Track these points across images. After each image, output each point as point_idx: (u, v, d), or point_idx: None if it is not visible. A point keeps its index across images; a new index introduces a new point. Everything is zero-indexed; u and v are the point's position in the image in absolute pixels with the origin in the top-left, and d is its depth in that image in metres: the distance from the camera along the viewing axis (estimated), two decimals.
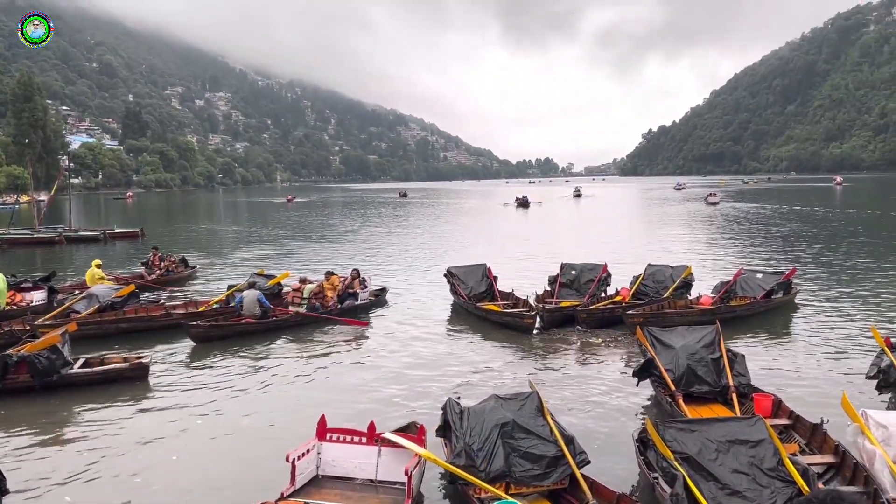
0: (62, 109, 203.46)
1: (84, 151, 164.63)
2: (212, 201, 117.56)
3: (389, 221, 58.54)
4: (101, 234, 41.29)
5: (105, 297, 16.60)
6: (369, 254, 32.34)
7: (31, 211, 52.76)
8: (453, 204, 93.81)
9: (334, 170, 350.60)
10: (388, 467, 7.65)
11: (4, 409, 10.79)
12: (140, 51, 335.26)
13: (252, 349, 14.64)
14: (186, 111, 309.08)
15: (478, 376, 12.48)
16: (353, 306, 17.96)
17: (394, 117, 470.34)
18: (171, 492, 7.98)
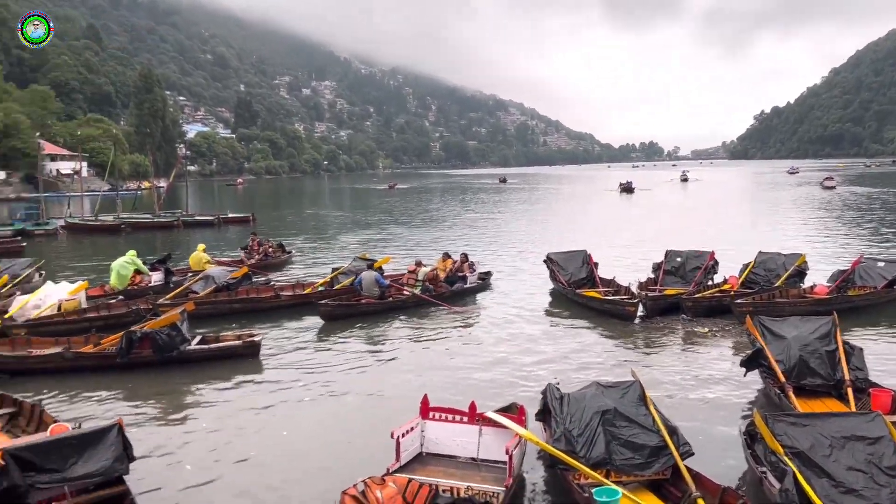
0: (179, 100, 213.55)
1: (199, 140, 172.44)
2: (317, 188, 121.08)
3: (489, 207, 58.58)
4: (216, 219, 43.37)
5: (220, 278, 17.44)
6: (469, 239, 32.51)
7: (151, 197, 55.85)
8: (553, 189, 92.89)
9: (434, 156, 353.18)
10: (489, 446, 7.75)
11: (130, 381, 11.55)
12: (251, 42, 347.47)
13: (362, 328, 15.12)
14: (294, 100, 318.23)
15: (577, 363, 12.39)
16: (463, 289, 18.37)
17: (493, 102, 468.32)
18: (282, 464, 8.33)
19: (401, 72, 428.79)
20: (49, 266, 22.71)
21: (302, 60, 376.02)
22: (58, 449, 6.50)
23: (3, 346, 12.67)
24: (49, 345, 12.72)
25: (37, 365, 11.92)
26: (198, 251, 21.56)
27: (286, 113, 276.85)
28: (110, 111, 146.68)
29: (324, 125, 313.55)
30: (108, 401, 10.71)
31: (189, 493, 7.62)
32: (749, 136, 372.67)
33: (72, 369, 11.86)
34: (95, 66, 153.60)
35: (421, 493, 6.65)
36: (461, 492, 6.92)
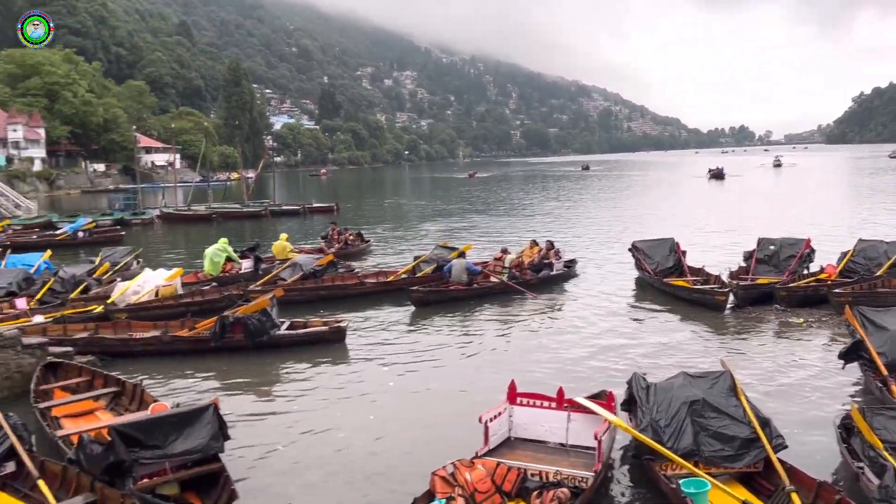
0: (266, 92, 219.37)
1: (285, 131, 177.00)
2: (398, 177, 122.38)
3: (571, 195, 57.94)
4: (301, 209, 44.43)
5: (307, 266, 17.86)
6: (551, 227, 32.22)
7: (240, 187, 57.68)
8: (637, 176, 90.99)
9: (515, 144, 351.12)
10: (577, 432, 7.71)
11: (223, 364, 11.98)
12: (333, 34, 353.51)
13: (448, 315, 15.27)
14: (376, 91, 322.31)
15: (664, 353, 12.13)
16: (549, 276, 18.27)
17: (575, 88, 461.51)
18: (370, 447, 8.48)
19: (481, 60, 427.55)
20: (145, 254, 23.74)
21: (383, 51, 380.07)
22: (159, 426, 6.81)
23: (105, 329, 13.36)
24: (148, 328, 13.35)
25: (137, 347, 12.51)
26: (281, 240, 22.01)
27: (368, 104, 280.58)
28: (201, 104, 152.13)
29: (405, 115, 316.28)
30: (203, 382, 11.14)
31: (280, 472, 7.84)
32: (847, 119, 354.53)
33: (168, 352, 12.40)
34: (187, 61, 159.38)
35: (510, 476, 6.70)
36: (550, 476, 6.92)
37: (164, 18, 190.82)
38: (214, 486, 6.93)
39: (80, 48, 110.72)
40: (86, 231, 31.30)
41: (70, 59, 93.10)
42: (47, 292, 16.01)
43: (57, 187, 77.83)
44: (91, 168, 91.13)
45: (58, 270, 17.45)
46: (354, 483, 7.59)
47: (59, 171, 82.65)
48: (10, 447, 7.03)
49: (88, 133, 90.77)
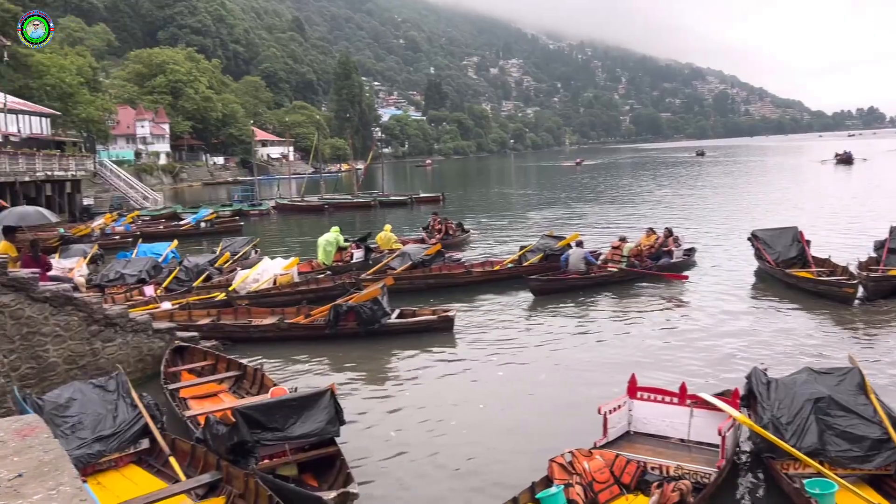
0: (374, 84, 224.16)
1: (393, 123, 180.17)
2: (503, 166, 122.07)
3: (685, 182, 56.09)
4: (409, 199, 45.10)
5: (416, 255, 18.13)
6: (663, 215, 31.24)
7: (350, 178, 59.15)
8: (756, 162, 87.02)
9: (624, 130, 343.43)
10: (700, 428, 7.55)
11: (337, 351, 12.34)
12: (440, 24, 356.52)
13: (556, 305, 15.14)
14: (481, 80, 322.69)
15: (786, 348, 11.55)
16: (669, 265, 17.95)
17: (689, 71, 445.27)
18: (480, 436, 8.51)
19: (589, 45, 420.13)
20: (262, 243, 24.74)
21: (489, 40, 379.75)
22: (279, 409, 7.09)
23: (227, 315, 14.03)
24: (266, 315, 13.92)
25: (256, 334, 13.06)
26: (385, 231, 22.25)
27: (474, 93, 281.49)
28: (313, 98, 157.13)
29: (510, 103, 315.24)
30: (318, 368, 11.52)
31: (393, 458, 8.00)
32: None
33: (285, 338, 12.87)
34: (299, 56, 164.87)
35: (629, 468, 6.66)
36: (671, 470, 6.81)
37: (279, 15, 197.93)
38: (331, 468, 7.16)
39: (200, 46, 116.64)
40: (207, 221, 33.03)
41: (192, 57, 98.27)
42: (173, 280, 16.99)
43: (180, 180, 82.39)
44: (211, 161, 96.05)
45: (182, 260, 18.50)
46: (466, 470, 7.65)
47: (182, 165, 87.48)
48: (145, 425, 7.52)
49: (208, 128, 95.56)
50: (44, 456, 2.77)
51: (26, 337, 9.29)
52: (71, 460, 2.81)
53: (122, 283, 16.96)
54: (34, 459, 2.74)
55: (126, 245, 26.08)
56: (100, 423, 7.42)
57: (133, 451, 7.51)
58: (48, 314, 9.52)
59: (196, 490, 6.68)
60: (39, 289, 9.44)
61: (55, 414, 7.29)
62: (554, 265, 17.70)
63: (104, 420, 7.46)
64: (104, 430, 7.36)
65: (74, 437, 7.16)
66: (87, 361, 10.02)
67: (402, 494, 7.20)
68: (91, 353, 10.08)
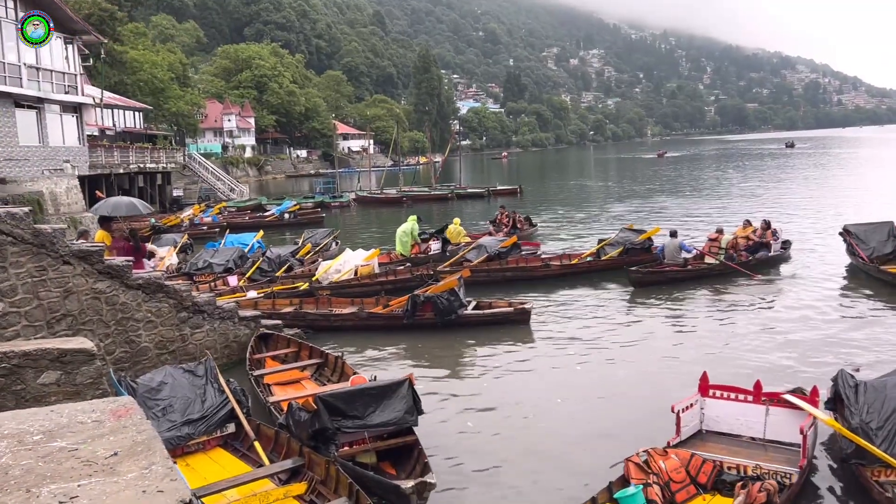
0: (453, 78, 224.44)
1: (471, 116, 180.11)
2: (582, 158, 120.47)
3: (774, 174, 54.06)
4: (486, 192, 45.06)
5: (492, 247, 18.11)
6: (750, 208, 30.11)
7: (428, 171, 59.51)
8: (851, 154, 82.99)
9: (709, 121, 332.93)
10: (776, 427, 7.33)
11: (414, 341, 12.46)
12: (520, 16, 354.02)
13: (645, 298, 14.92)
14: (561, 71, 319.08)
15: (879, 349, 10.98)
16: (766, 258, 17.59)
17: (778, 60, 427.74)
18: (557, 429, 8.46)
19: (672, 34, 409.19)
20: (343, 234, 25.17)
21: (570, 30, 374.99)
22: (359, 398, 7.21)
23: (308, 304, 14.35)
24: (346, 305, 14.17)
25: (337, 322, 13.31)
26: (454, 224, 21.92)
27: (553, 84, 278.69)
28: (392, 91, 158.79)
29: (590, 94, 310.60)
30: (396, 357, 11.66)
31: (470, 450, 8.01)
32: None
33: (364, 327, 13.08)
34: (380, 50, 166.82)
35: (705, 467, 6.52)
36: (749, 469, 6.62)
37: (360, 9, 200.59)
38: (409, 457, 7.23)
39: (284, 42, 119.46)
40: (291, 213, 33.84)
41: (276, 52, 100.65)
42: (256, 271, 17.48)
43: (265, 172, 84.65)
44: (294, 154, 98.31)
45: (266, 251, 18.99)
46: (541, 465, 7.60)
47: (267, 158, 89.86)
48: (231, 410, 7.77)
49: (292, 121, 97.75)
50: (137, 436, 2.89)
51: (120, 322, 9.73)
52: (162, 441, 2.92)
53: (210, 272, 17.57)
54: (128, 439, 2.86)
55: (214, 235, 26.98)
56: (189, 406, 7.69)
57: (220, 435, 7.76)
58: (141, 301, 9.95)
59: (279, 475, 6.86)
60: (133, 276, 9.86)
61: (147, 397, 7.60)
62: (635, 259, 17.43)
63: (193, 404, 7.73)
64: (193, 414, 7.63)
65: (165, 420, 7.45)
66: (177, 347, 10.42)
67: (476, 486, 7.20)
68: (180, 338, 10.48)
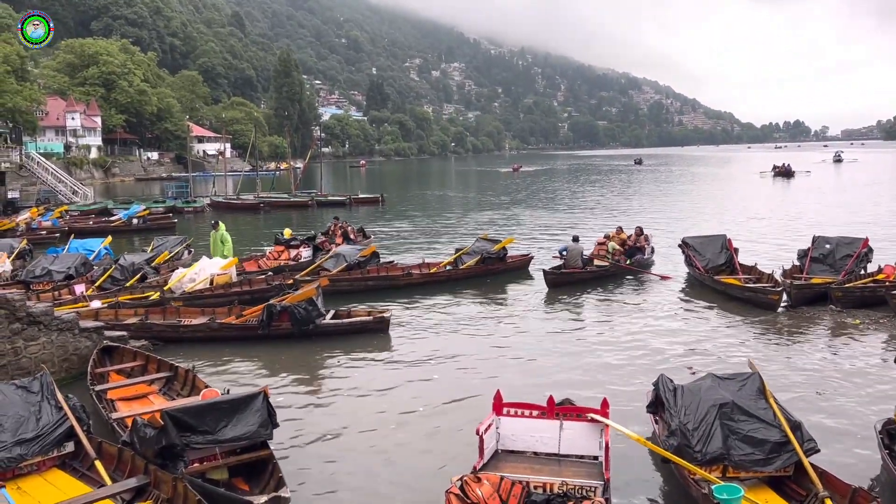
0: (315, 83, 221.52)
1: (333, 122, 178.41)
2: (444, 169, 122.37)
3: (624, 189, 57.13)
4: (347, 199, 44.84)
5: (351, 256, 18.04)
6: (601, 221, 31.75)
7: (289, 177, 58.35)
8: (691, 171, 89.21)
9: (562, 137, 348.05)
10: (571, 441, 7.32)
11: (271, 352, 12.18)
12: (383, 25, 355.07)
13: (500, 305, 15.24)
14: (423, 82, 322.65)
15: (714, 353, 11.89)
16: (642, 260, 19.15)
17: (626, 81, 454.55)
18: (416, 439, 8.55)
19: (530, 51, 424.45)
20: (196, 242, 24.15)
21: (432, 43, 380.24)
22: (210, 412, 6.94)
23: (155, 315, 13.65)
24: (196, 315, 13.63)
25: (186, 334, 12.78)
26: (286, 234, 21.40)
27: (416, 95, 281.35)
28: (252, 95, 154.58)
29: (452, 107, 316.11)
30: (251, 369, 11.35)
31: (327, 461, 7.95)
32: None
33: (218, 338, 12.64)
34: (239, 52, 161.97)
35: (514, 490, 6.40)
36: (555, 487, 6.62)
37: (218, 9, 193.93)
38: (263, 472, 7.06)
39: (135, 38, 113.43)
40: (140, 218, 32.15)
41: (126, 48, 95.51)
42: (108, 279, 16.46)
43: (112, 174, 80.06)
44: (145, 156, 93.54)
45: (119, 258, 17.86)
46: (399, 474, 7.67)
47: (115, 159, 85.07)
48: (70, 428, 7.27)
49: (143, 122, 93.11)
50: None
51: None
52: None
53: (49, 280, 16.36)
54: None
55: (55, 240, 25.15)
56: (22, 425, 7.12)
57: (57, 455, 7.24)
58: None
59: (122, 495, 6.49)
60: None
61: None
62: (491, 268, 18.37)
63: (27, 422, 7.17)
64: (26, 433, 7.08)
65: None
66: (8, 361, 9.65)
67: (333, 498, 7.14)
68: (12, 352, 9.71)
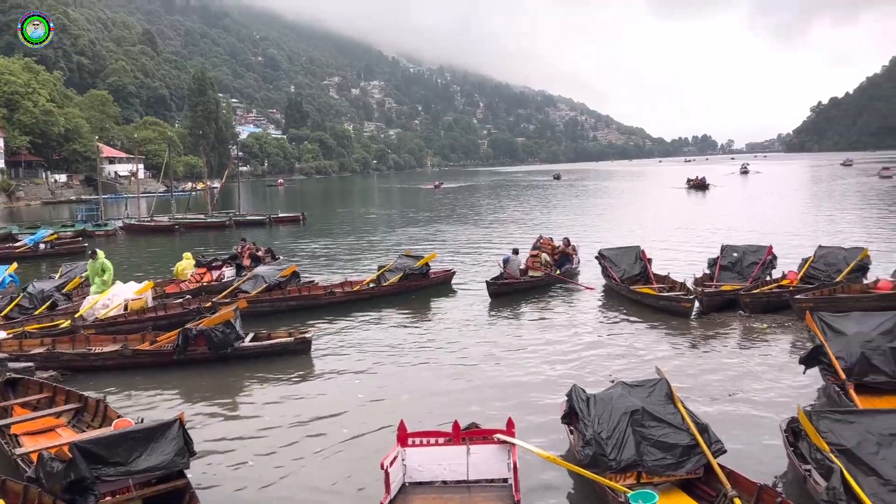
0: (232, 102, 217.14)
1: (251, 141, 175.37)
2: (366, 187, 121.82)
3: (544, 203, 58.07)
4: (267, 219, 44.10)
5: (270, 277, 17.71)
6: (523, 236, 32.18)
7: (205, 197, 57.01)
8: (607, 185, 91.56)
9: (482, 153, 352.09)
10: (479, 465, 7.22)
11: (187, 378, 11.81)
12: (300, 43, 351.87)
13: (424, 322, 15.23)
14: (343, 100, 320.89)
15: (631, 361, 12.19)
16: (572, 270, 20.18)
17: (542, 98, 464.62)
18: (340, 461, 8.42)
19: (448, 69, 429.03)
20: None
21: (351, 61, 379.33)
22: (122, 443, 6.68)
23: (63, 344, 13.04)
24: (107, 342, 13.10)
25: (98, 362, 12.25)
26: (184, 259, 20.18)
27: (336, 113, 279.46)
28: (165, 114, 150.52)
29: (373, 124, 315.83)
30: (167, 396, 10.97)
31: (249, 487, 7.75)
32: (806, 129, 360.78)
33: (132, 366, 12.19)
34: (151, 71, 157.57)
35: None
36: None
37: (128, 27, 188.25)
38: (180, 503, 6.82)
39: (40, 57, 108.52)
40: (47, 243, 30.71)
41: (30, 67, 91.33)
42: (15, 308, 15.64)
43: (17, 198, 76.35)
44: (52, 179, 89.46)
45: (27, 286, 16.96)
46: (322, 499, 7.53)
47: (19, 182, 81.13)
48: None
49: (49, 143, 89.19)
50: None
51: None
52: None
53: None
54: None
55: None
56: None
57: None
58: None
59: None
60: None
61: None
62: (414, 284, 18.43)
63: None
64: None
65: None
66: None
67: None
68: None
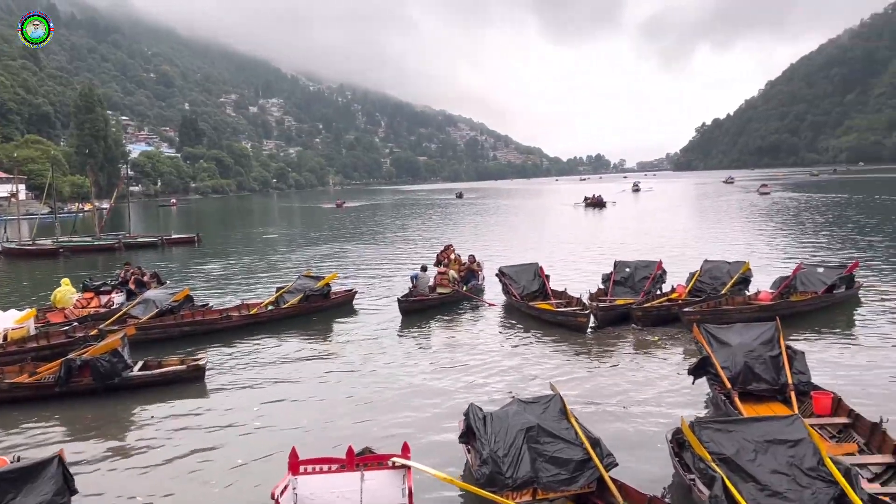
0: (122, 119, 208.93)
1: (143, 160, 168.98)
2: (265, 206, 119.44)
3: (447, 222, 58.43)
4: (159, 241, 42.42)
5: (162, 301, 17.01)
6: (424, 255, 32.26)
7: (93, 219, 54.33)
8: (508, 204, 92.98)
9: (385, 172, 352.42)
10: (374, 492, 7.07)
11: (71, 411, 11.15)
12: (195, 60, 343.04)
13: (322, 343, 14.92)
14: (241, 118, 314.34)
15: (530, 376, 12.34)
16: (478, 286, 20.58)
17: (443, 118, 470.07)
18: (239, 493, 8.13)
19: (349, 88, 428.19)
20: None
21: (248, 78, 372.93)
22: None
23: None
24: None
25: None
26: (63, 286, 18.88)
27: (233, 131, 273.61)
28: (49, 132, 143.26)
29: (272, 143, 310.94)
30: (48, 432, 10.31)
31: None
32: (692, 148, 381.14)
33: (9, 400, 11.41)
34: (33, 87, 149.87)
35: None
36: None
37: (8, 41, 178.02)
38: None
39: None
40: None
41: None
42: None
43: None
44: None
45: None
46: None
47: None
48: None
49: None
50: None
51: None
52: None
53: None
54: None
55: None
56: None
57: None
58: None
59: None
60: None
61: None
62: (315, 305, 18.06)
63: None
64: None
65: None
66: None
67: None
68: None
